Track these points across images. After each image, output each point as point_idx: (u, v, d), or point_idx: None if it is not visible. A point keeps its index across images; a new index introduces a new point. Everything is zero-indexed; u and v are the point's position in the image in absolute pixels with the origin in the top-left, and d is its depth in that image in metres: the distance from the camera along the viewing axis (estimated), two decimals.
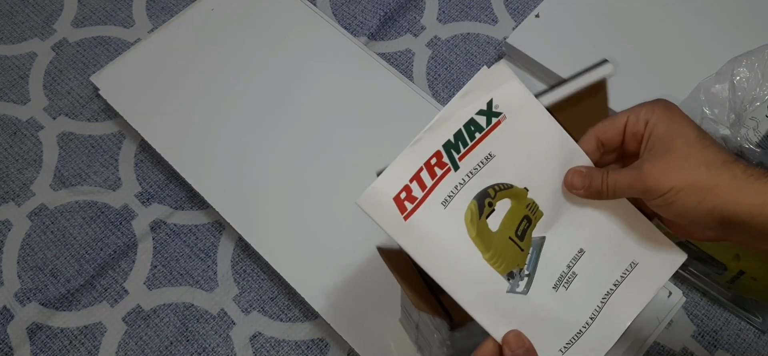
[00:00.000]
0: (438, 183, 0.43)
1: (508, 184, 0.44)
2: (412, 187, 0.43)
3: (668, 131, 0.41)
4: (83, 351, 0.68)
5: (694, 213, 0.40)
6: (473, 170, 0.44)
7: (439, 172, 0.43)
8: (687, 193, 0.40)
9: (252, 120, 0.77)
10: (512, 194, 0.44)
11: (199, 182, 0.73)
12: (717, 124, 0.67)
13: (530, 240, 0.45)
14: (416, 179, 0.43)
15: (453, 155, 0.44)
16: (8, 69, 0.83)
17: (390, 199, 0.43)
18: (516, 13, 0.87)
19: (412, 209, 0.43)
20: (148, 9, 0.88)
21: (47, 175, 0.77)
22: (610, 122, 0.44)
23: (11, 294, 0.70)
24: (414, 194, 0.43)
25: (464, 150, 0.44)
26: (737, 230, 0.40)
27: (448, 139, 0.43)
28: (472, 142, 0.44)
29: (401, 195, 0.43)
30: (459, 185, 0.43)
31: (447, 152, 0.43)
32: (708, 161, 0.40)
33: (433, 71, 0.83)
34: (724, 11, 0.81)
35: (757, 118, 0.68)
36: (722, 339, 0.68)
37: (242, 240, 0.72)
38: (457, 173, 0.44)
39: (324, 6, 0.87)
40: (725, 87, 0.68)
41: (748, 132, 0.67)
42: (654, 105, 0.43)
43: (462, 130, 0.44)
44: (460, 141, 0.44)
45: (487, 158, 0.44)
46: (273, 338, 0.68)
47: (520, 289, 0.44)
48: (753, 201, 0.39)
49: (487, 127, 0.44)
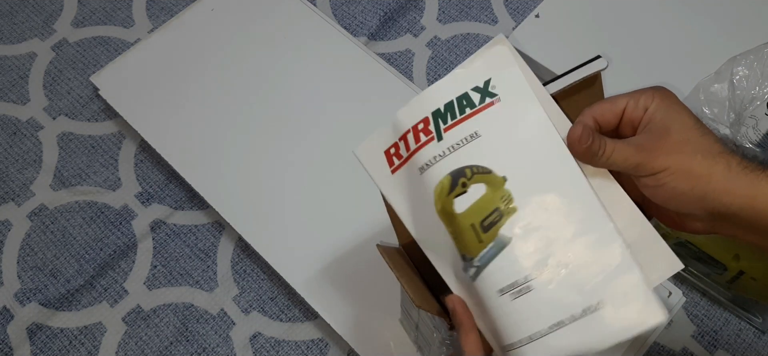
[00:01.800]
0: (419, 149, 0.43)
1: (488, 168, 0.43)
2: (400, 145, 0.44)
3: (666, 117, 0.41)
4: (83, 351, 0.68)
5: (684, 198, 0.40)
6: (455, 145, 0.43)
7: (424, 139, 0.43)
8: (680, 177, 0.40)
9: (252, 120, 0.77)
10: (489, 181, 0.43)
11: (199, 182, 0.73)
12: (717, 123, 0.67)
13: (494, 235, 0.42)
14: (403, 140, 0.44)
15: (439, 125, 0.43)
16: (8, 69, 0.83)
17: (381, 152, 0.45)
18: (516, 13, 0.87)
19: (398, 165, 0.45)
20: (148, 9, 0.88)
21: (47, 175, 0.77)
22: (608, 103, 0.43)
23: (11, 294, 0.70)
24: (400, 152, 0.44)
25: (451, 122, 0.43)
26: (727, 221, 0.40)
27: (438, 107, 0.43)
28: (461, 116, 0.43)
29: (391, 151, 0.45)
30: (438, 156, 0.43)
31: (434, 120, 0.43)
32: (704, 149, 0.40)
33: (433, 71, 0.83)
34: (723, 11, 0.81)
35: (756, 116, 0.68)
36: (722, 339, 0.68)
37: (242, 240, 0.72)
38: (439, 144, 0.43)
39: (324, 6, 0.87)
40: (724, 86, 0.68)
41: (748, 130, 0.67)
42: (654, 92, 0.42)
43: (454, 101, 0.43)
44: (449, 112, 0.43)
45: (472, 136, 0.43)
46: (273, 338, 0.68)
47: (470, 274, 0.43)
48: (745, 192, 0.39)
49: (479, 105, 0.43)
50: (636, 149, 0.41)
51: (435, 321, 0.51)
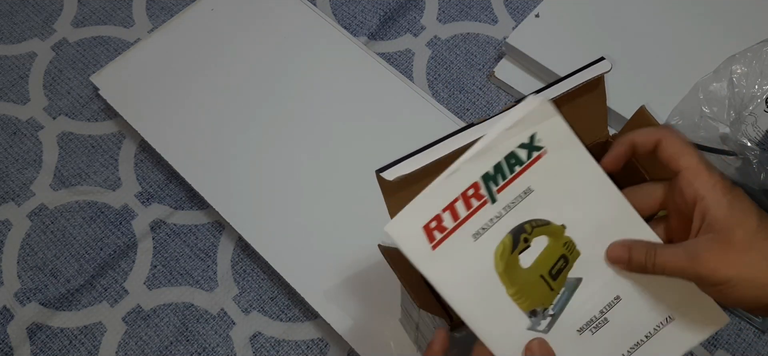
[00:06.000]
0: (473, 215, 0.42)
1: (546, 220, 0.43)
2: (444, 217, 0.42)
3: (728, 218, 0.38)
4: (83, 351, 0.68)
5: (749, 304, 0.39)
6: (511, 204, 0.43)
7: (476, 204, 0.42)
8: (745, 287, 0.38)
9: (252, 120, 0.77)
10: (549, 232, 0.43)
11: (199, 182, 0.73)
12: (716, 122, 0.67)
13: (564, 280, 0.44)
14: (450, 209, 0.42)
15: (491, 188, 0.42)
16: (8, 69, 0.83)
17: (419, 228, 0.41)
18: (516, 13, 0.87)
19: (441, 239, 0.42)
20: (148, 9, 0.88)
21: (47, 175, 0.77)
22: (677, 146, 0.41)
23: (11, 294, 0.70)
24: (445, 224, 0.42)
25: (503, 183, 0.43)
26: None
27: (488, 171, 0.42)
28: (512, 175, 0.43)
29: (431, 225, 0.42)
30: (495, 218, 0.43)
31: (485, 183, 0.42)
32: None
33: (433, 71, 0.83)
34: (721, 10, 0.81)
35: (756, 114, 0.68)
36: (722, 339, 0.68)
37: (242, 240, 0.72)
38: (494, 206, 0.42)
39: (324, 6, 0.88)
40: (724, 85, 0.68)
41: (748, 128, 0.67)
42: (714, 184, 0.39)
43: (502, 162, 0.42)
44: (499, 174, 0.42)
45: (526, 192, 0.43)
46: (273, 338, 0.68)
47: (542, 328, 0.43)
48: None
49: (527, 160, 0.43)
50: (692, 259, 0.39)
51: (435, 321, 0.51)
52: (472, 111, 0.80)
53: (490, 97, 0.81)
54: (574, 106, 0.51)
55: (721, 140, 0.67)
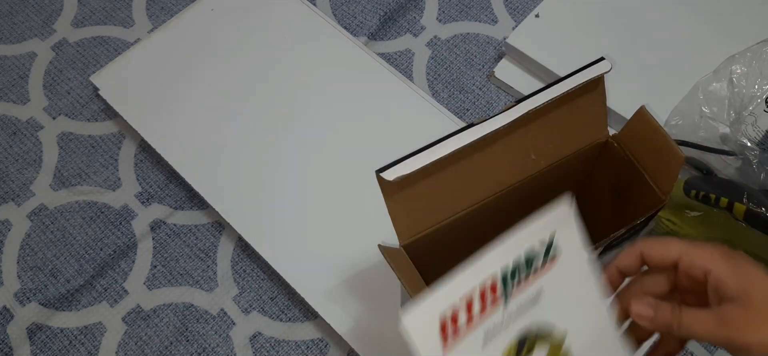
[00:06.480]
0: (485, 317, 0.41)
1: (551, 325, 0.43)
2: (460, 315, 0.40)
3: (742, 283, 0.39)
4: (83, 351, 0.68)
5: None
6: (521, 308, 0.42)
7: (490, 304, 0.41)
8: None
9: (252, 120, 0.77)
10: (551, 339, 0.44)
11: (199, 182, 0.73)
12: (716, 122, 0.67)
13: None
14: (467, 306, 0.40)
15: (508, 287, 0.42)
16: (8, 69, 0.83)
17: (436, 326, 0.39)
18: (516, 13, 0.87)
19: (454, 341, 0.40)
20: (148, 9, 0.88)
21: (47, 175, 0.77)
22: (659, 246, 0.42)
23: (11, 294, 0.70)
24: (459, 323, 0.40)
25: (518, 283, 0.42)
26: None
27: (507, 263, 0.41)
28: (527, 274, 0.42)
29: (447, 323, 0.40)
30: (506, 321, 0.42)
31: (503, 281, 0.41)
32: None
33: (433, 71, 0.83)
34: (721, 10, 0.81)
35: (755, 114, 0.68)
36: None
37: (242, 240, 0.72)
38: (507, 308, 0.42)
39: (324, 6, 0.88)
40: (723, 85, 0.68)
41: (748, 128, 0.67)
42: (712, 253, 0.40)
43: (522, 256, 0.42)
44: (517, 270, 0.42)
45: (538, 293, 0.43)
46: (273, 338, 0.68)
47: None
48: None
49: (543, 262, 0.43)
50: (720, 323, 0.40)
51: None
52: (472, 111, 0.80)
53: (490, 97, 0.81)
54: (574, 106, 0.51)
55: (721, 140, 0.67)
